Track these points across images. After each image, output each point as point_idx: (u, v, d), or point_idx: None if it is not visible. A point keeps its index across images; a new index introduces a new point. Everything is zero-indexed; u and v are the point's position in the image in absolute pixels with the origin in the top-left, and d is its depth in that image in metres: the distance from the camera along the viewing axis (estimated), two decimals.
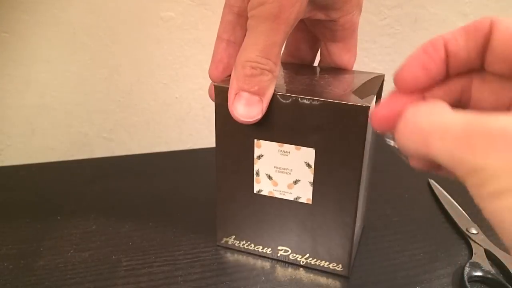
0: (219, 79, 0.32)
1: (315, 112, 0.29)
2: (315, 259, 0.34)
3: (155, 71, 0.52)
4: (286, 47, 0.37)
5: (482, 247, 0.36)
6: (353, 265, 0.34)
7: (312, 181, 0.31)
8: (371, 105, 0.28)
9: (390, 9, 0.56)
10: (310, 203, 0.32)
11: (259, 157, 0.32)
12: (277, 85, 0.30)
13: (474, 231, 0.38)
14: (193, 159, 0.53)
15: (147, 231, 0.39)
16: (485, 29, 0.20)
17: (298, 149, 0.31)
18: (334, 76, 0.34)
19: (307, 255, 0.34)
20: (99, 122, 0.53)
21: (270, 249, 0.35)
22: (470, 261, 0.35)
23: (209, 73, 0.32)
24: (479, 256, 0.35)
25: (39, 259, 0.35)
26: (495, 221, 0.16)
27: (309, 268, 0.34)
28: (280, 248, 0.35)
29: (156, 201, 0.43)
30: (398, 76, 0.22)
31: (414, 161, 0.22)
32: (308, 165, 0.31)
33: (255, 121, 0.29)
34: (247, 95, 0.28)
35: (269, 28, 0.27)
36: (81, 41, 0.49)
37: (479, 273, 0.33)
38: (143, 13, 0.49)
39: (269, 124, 0.30)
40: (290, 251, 0.35)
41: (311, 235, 0.33)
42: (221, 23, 0.32)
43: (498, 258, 0.35)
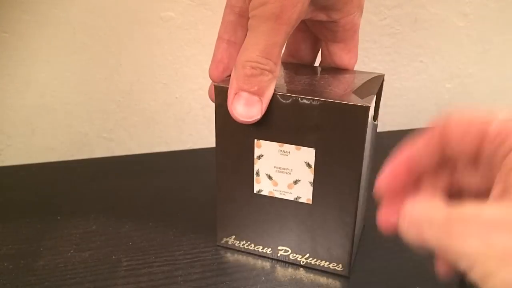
0: (219, 79, 0.32)
1: (315, 112, 0.29)
2: (315, 259, 0.34)
3: (155, 71, 0.52)
4: (287, 47, 0.37)
5: None
6: (353, 265, 0.34)
7: (312, 181, 0.31)
8: (371, 105, 0.28)
9: (390, 9, 0.56)
10: (310, 203, 0.32)
11: (259, 157, 0.32)
12: (277, 85, 0.30)
13: None
14: (193, 159, 0.53)
15: (147, 231, 0.39)
16: (438, 134, 0.22)
17: (298, 149, 0.31)
18: (334, 76, 0.34)
19: (307, 255, 0.34)
20: (99, 122, 0.53)
21: (270, 249, 0.35)
22: None
23: (209, 73, 0.32)
24: None
25: (39, 259, 0.35)
26: None
27: (309, 268, 0.35)
28: (280, 248, 0.35)
29: (156, 201, 0.43)
30: (376, 189, 0.24)
31: (439, 265, 0.24)
32: (308, 165, 0.31)
33: (255, 121, 0.29)
34: (246, 95, 0.28)
35: (270, 28, 0.27)
36: (81, 41, 0.49)
37: None
38: (143, 13, 0.49)
39: (269, 124, 0.30)
40: (290, 251, 0.35)
41: (311, 235, 0.33)
42: (222, 23, 0.32)
43: None
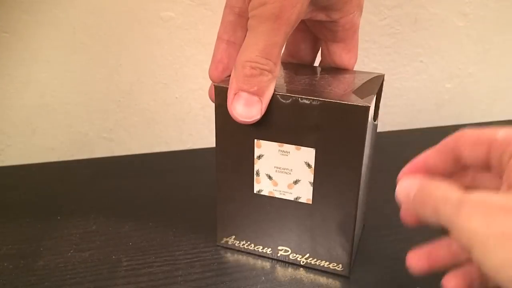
0: (219, 80, 0.32)
1: (315, 112, 0.29)
2: (315, 259, 0.34)
3: (155, 71, 0.52)
4: (287, 47, 0.37)
5: None
6: (353, 265, 0.34)
7: (312, 181, 0.31)
8: (371, 105, 0.28)
9: (390, 9, 0.56)
10: (310, 203, 0.32)
11: (259, 157, 0.32)
12: (277, 85, 0.30)
13: None
14: (193, 159, 0.53)
15: (147, 231, 0.39)
16: (452, 144, 0.25)
17: (298, 149, 0.31)
18: (334, 76, 0.34)
19: (307, 255, 0.34)
20: (99, 122, 0.53)
21: (270, 249, 0.35)
22: None
23: (209, 73, 0.32)
24: None
25: (39, 259, 0.35)
26: (495, 280, 0.20)
27: (309, 268, 0.35)
28: (280, 248, 0.35)
29: (156, 201, 0.43)
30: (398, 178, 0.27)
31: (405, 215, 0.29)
32: (308, 165, 0.31)
33: (254, 121, 0.29)
34: (246, 95, 0.28)
35: (270, 28, 0.27)
36: (81, 41, 0.49)
37: None
38: (143, 13, 0.49)
39: (269, 124, 0.30)
40: (290, 251, 0.35)
41: (311, 235, 0.33)
42: (221, 23, 0.32)
43: None
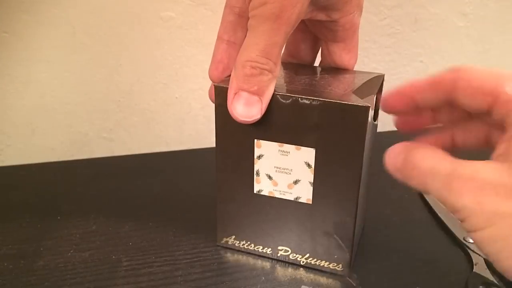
0: (219, 80, 0.32)
1: (315, 112, 0.29)
2: (315, 259, 0.34)
3: (155, 71, 0.52)
4: (286, 47, 0.37)
5: (482, 257, 0.36)
6: (353, 265, 0.34)
7: (312, 181, 0.31)
8: (371, 105, 0.28)
9: (390, 9, 0.56)
10: (310, 203, 0.32)
11: (259, 157, 0.32)
12: (277, 85, 0.30)
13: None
14: (193, 159, 0.53)
15: (147, 231, 0.39)
16: (448, 81, 0.24)
17: (298, 149, 0.31)
18: (334, 76, 0.34)
19: (307, 255, 0.34)
20: (99, 122, 0.53)
21: (270, 249, 0.35)
22: (473, 271, 0.34)
23: (209, 73, 0.32)
24: (479, 266, 0.34)
25: (39, 259, 0.35)
26: (482, 251, 0.20)
27: (309, 268, 0.35)
28: (280, 248, 0.35)
29: (156, 201, 0.43)
30: (381, 103, 0.28)
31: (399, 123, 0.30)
32: (308, 165, 0.31)
33: (254, 121, 0.29)
34: (246, 95, 0.28)
35: (270, 28, 0.27)
36: (81, 41, 0.49)
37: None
38: (143, 13, 0.49)
39: (269, 124, 0.30)
40: (290, 251, 0.35)
41: (311, 235, 0.33)
42: (221, 23, 0.32)
43: None
